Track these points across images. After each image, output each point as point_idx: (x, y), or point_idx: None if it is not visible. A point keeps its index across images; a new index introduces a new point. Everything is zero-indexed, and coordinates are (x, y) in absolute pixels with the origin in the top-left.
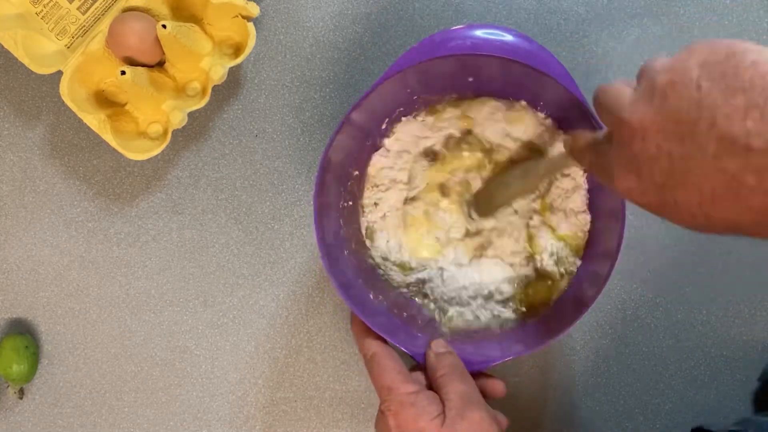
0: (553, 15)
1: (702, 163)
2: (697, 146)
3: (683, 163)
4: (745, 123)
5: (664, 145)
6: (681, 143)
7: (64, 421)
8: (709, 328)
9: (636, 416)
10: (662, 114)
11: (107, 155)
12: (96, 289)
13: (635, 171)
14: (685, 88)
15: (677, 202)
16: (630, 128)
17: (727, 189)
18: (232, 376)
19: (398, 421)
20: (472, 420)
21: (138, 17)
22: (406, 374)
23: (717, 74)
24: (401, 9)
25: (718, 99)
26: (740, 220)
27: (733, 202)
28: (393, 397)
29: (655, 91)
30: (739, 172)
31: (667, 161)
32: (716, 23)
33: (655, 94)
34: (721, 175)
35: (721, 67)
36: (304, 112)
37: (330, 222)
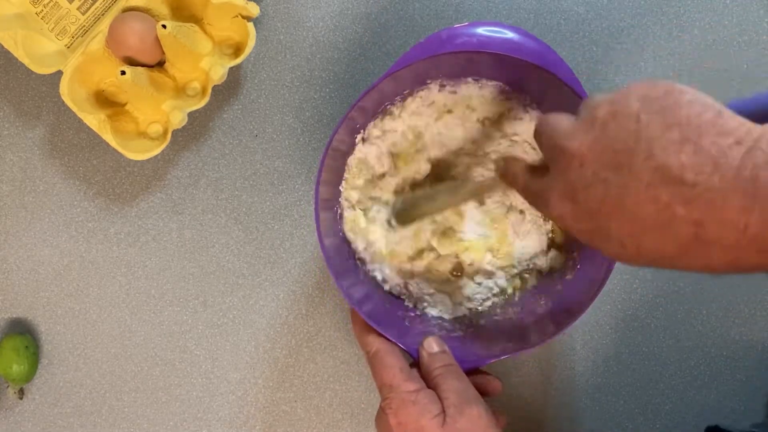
0: (553, 15)
1: (636, 191)
2: (633, 175)
3: (618, 190)
4: (679, 156)
5: (600, 172)
6: (617, 171)
7: (64, 421)
8: (709, 328)
9: (636, 416)
10: (601, 142)
11: (107, 155)
12: (96, 289)
13: (570, 197)
14: (626, 118)
15: (609, 230)
16: (568, 154)
17: (657, 218)
18: (232, 376)
19: (399, 419)
20: (471, 416)
21: (138, 17)
22: (407, 372)
23: (656, 108)
24: (401, 9)
25: (656, 132)
26: (667, 249)
27: (662, 231)
28: (394, 395)
29: (595, 122)
30: (670, 201)
31: (602, 188)
32: (716, 23)
33: (595, 124)
34: (653, 204)
35: (659, 102)
36: (304, 112)
37: (329, 215)
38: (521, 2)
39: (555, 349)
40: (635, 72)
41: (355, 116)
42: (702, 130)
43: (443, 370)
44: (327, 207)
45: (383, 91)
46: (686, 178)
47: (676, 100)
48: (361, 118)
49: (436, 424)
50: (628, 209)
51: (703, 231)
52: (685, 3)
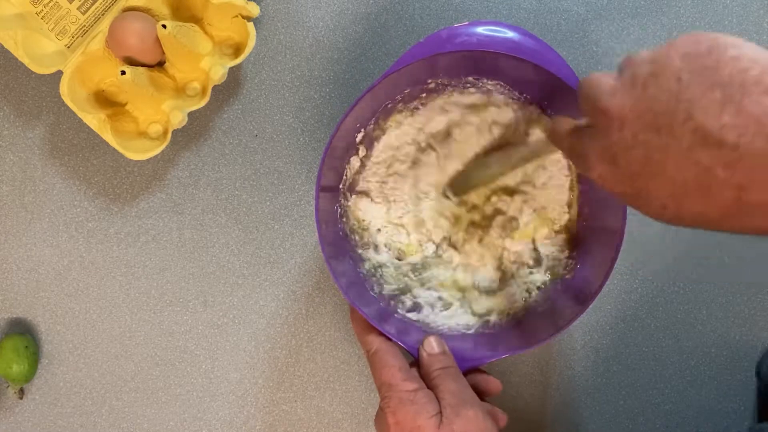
0: (553, 14)
1: (676, 154)
2: (673, 137)
3: (658, 153)
4: (720, 117)
5: (640, 134)
6: (657, 134)
7: (64, 421)
8: (709, 328)
9: (636, 416)
10: (641, 104)
11: (107, 155)
12: (96, 289)
13: (611, 159)
14: (666, 79)
15: (650, 192)
16: (608, 116)
17: (698, 181)
18: (232, 376)
19: (397, 418)
20: (467, 417)
21: (138, 17)
22: (406, 371)
23: (698, 67)
24: (401, 9)
25: (697, 92)
26: (709, 212)
27: (703, 195)
28: (392, 394)
29: (636, 81)
30: (710, 165)
31: (642, 151)
32: (716, 23)
33: (636, 84)
34: (693, 167)
35: (702, 61)
36: (304, 112)
37: (329, 213)
38: (521, 2)
39: (555, 349)
40: None
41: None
42: (746, 89)
43: (442, 372)
44: (328, 203)
45: (384, 89)
46: (727, 140)
47: (719, 57)
48: (365, 114)
49: (432, 424)
50: (669, 173)
51: (746, 194)
52: (685, 3)
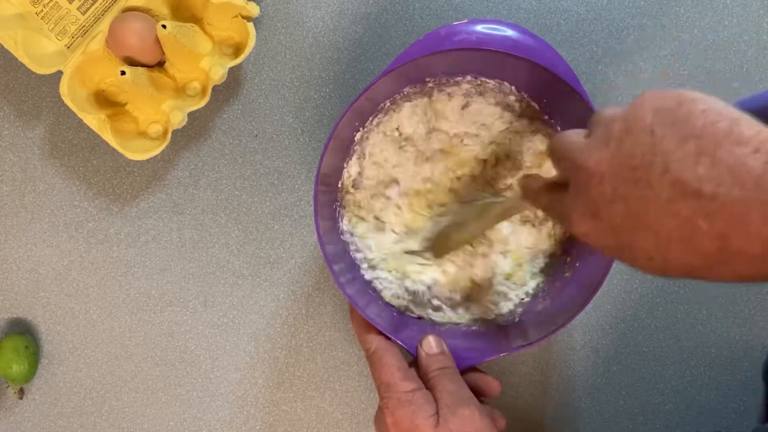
0: (553, 15)
1: (657, 206)
2: (652, 190)
3: (639, 205)
4: (696, 169)
5: (620, 188)
6: (636, 187)
7: (64, 421)
8: (709, 328)
9: (636, 416)
10: (618, 158)
11: (107, 155)
12: (96, 289)
13: (592, 214)
14: (640, 133)
15: (634, 244)
16: (587, 172)
17: (680, 232)
18: (232, 376)
19: (395, 418)
20: (464, 417)
21: (138, 17)
22: (405, 371)
23: (669, 121)
24: (401, 9)
25: (671, 145)
26: (694, 262)
27: (687, 245)
28: (391, 394)
29: (610, 138)
30: (691, 215)
31: (623, 205)
32: (716, 23)
33: (610, 140)
34: (674, 218)
35: (673, 114)
36: (304, 112)
37: (328, 212)
38: (521, 2)
39: (555, 349)
40: (635, 72)
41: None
42: (718, 141)
43: (440, 372)
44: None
45: (382, 88)
46: (705, 191)
47: (690, 111)
48: (364, 113)
49: (430, 424)
50: (651, 224)
51: (728, 243)
52: (685, 3)
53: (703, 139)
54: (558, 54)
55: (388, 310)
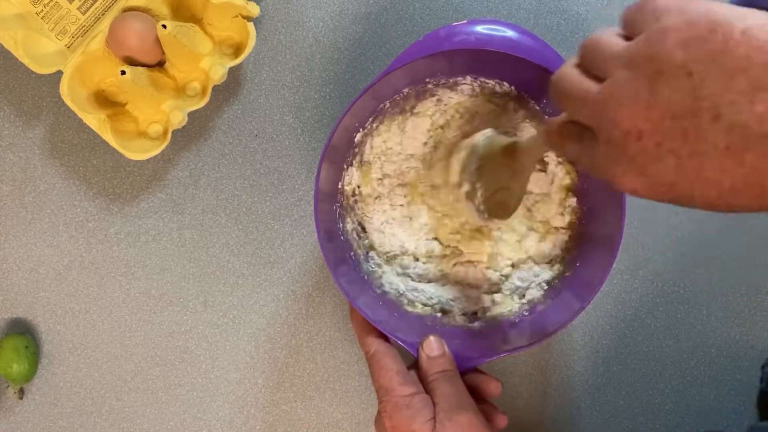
0: (553, 15)
1: (715, 158)
2: (705, 141)
3: (693, 160)
4: (754, 108)
5: (665, 143)
6: (684, 140)
7: (64, 421)
8: (709, 328)
9: (636, 416)
10: (655, 110)
11: (107, 155)
12: (96, 289)
13: (639, 171)
14: (674, 77)
15: (694, 196)
16: (619, 128)
17: (748, 179)
18: (232, 376)
19: (393, 422)
20: (460, 423)
21: (138, 17)
22: (404, 375)
23: (705, 55)
24: (401, 9)
25: (716, 86)
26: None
27: (757, 193)
28: (389, 398)
29: (639, 84)
30: (759, 162)
31: (673, 160)
32: None
33: (640, 89)
34: (739, 168)
35: (707, 46)
36: (304, 112)
37: (329, 213)
38: (521, 2)
39: (555, 349)
40: None
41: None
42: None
43: (439, 376)
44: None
45: (382, 88)
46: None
47: (727, 36)
48: (365, 113)
49: (426, 429)
50: (712, 178)
51: None
52: None
53: (753, 71)
54: (557, 54)
55: (387, 308)
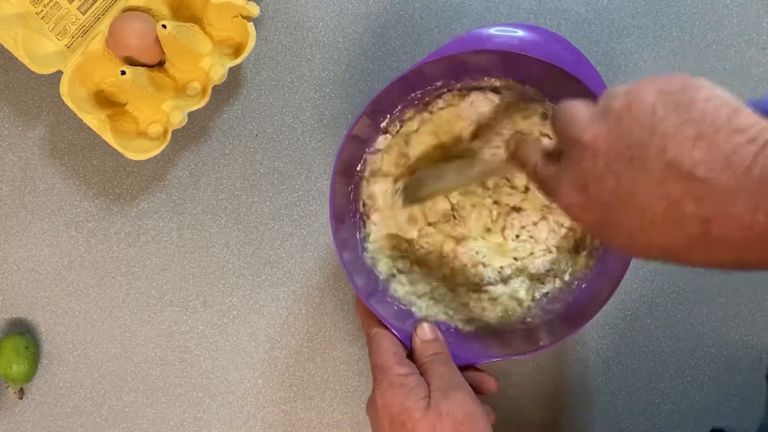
0: (554, 15)
1: (647, 185)
2: (645, 169)
3: (629, 184)
4: (692, 152)
5: (613, 164)
6: (629, 164)
7: (64, 421)
8: (709, 328)
9: (636, 416)
10: (614, 135)
11: (107, 155)
12: (96, 289)
13: (581, 188)
14: (641, 112)
15: (618, 222)
16: (582, 145)
17: (667, 214)
18: (232, 376)
19: (386, 401)
20: (455, 399)
21: (138, 17)
22: (401, 357)
23: (672, 103)
24: (401, 9)
25: (671, 127)
26: (675, 244)
27: (671, 227)
28: (384, 376)
29: (610, 113)
30: (680, 198)
31: (613, 181)
32: (716, 23)
33: (609, 115)
34: (663, 199)
35: (676, 98)
36: (304, 112)
37: (342, 197)
38: (521, 2)
39: (555, 350)
40: (635, 72)
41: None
42: (717, 127)
43: (433, 357)
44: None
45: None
46: (698, 175)
47: (693, 96)
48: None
49: (421, 406)
50: (639, 203)
51: (711, 228)
52: (685, 3)
53: (702, 124)
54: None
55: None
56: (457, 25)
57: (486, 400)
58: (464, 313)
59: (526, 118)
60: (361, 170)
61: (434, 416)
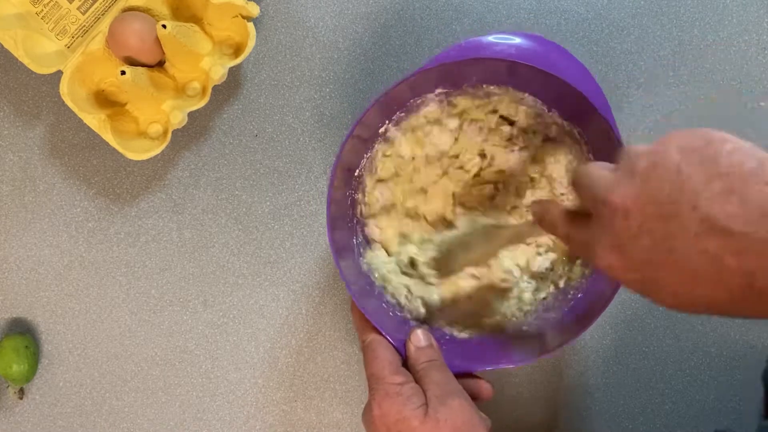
0: (553, 15)
1: (684, 242)
2: (680, 226)
3: (666, 242)
4: (725, 207)
5: (646, 223)
6: (664, 223)
7: (64, 421)
8: (709, 328)
9: (636, 416)
10: (644, 194)
11: (107, 155)
12: (96, 289)
13: (618, 249)
14: (666, 171)
15: (660, 280)
16: (612, 207)
17: (707, 269)
18: (232, 376)
19: (383, 410)
20: (453, 406)
21: (138, 17)
22: (396, 365)
23: (696, 160)
24: (401, 9)
25: (699, 183)
26: (720, 298)
27: (714, 282)
28: (380, 386)
29: (635, 173)
30: (719, 252)
31: (649, 240)
32: (716, 23)
33: (635, 176)
34: (702, 255)
35: (700, 154)
36: (304, 112)
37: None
38: (521, 3)
39: None
40: (635, 72)
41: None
42: (745, 180)
43: (428, 364)
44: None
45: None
46: (734, 229)
47: (717, 151)
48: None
49: (417, 414)
50: (678, 260)
51: (755, 281)
52: (685, 3)
53: (730, 178)
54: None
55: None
56: (457, 26)
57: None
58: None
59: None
60: (359, 175)
61: (432, 424)
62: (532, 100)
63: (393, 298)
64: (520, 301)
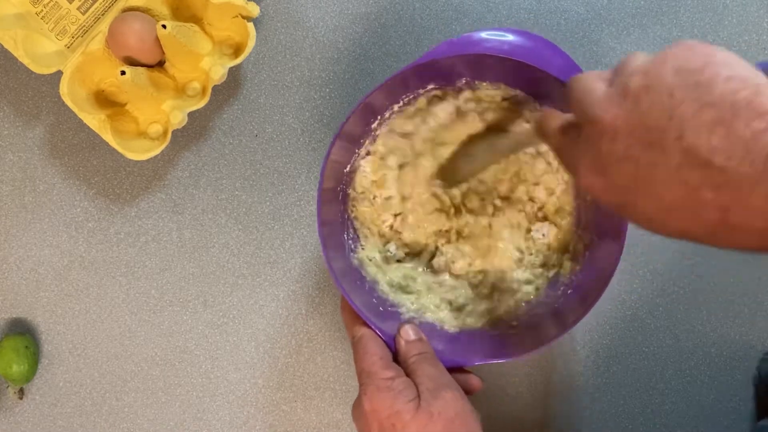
0: (553, 15)
1: (665, 172)
2: (663, 155)
3: (648, 169)
4: (710, 138)
5: (632, 148)
6: (648, 150)
7: (64, 421)
8: (709, 328)
9: (636, 416)
10: (633, 118)
11: (107, 155)
12: (96, 289)
13: (600, 170)
14: (659, 94)
15: (637, 206)
16: (600, 127)
17: (685, 200)
18: (232, 376)
19: (373, 405)
20: (446, 399)
21: (138, 17)
22: (387, 360)
23: (691, 83)
24: (401, 9)
25: (689, 110)
26: (694, 230)
27: (689, 213)
28: (370, 381)
29: (628, 93)
30: (698, 185)
31: (632, 166)
32: (716, 23)
33: (628, 96)
34: (681, 186)
35: (695, 77)
36: (304, 112)
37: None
38: (521, 2)
39: (555, 349)
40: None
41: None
42: (736, 111)
43: (418, 358)
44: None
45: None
46: (716, 162)
47: (713, 75)
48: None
49: (409, 408)
50: (657, 189)
51: (730, 216)
52: (685, 3)
53: (722, 108)
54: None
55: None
56: (457, 25)
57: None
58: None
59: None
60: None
61: (425, 417)
62: (523, 96)
63: (383, 293)
64: (512, 295)
